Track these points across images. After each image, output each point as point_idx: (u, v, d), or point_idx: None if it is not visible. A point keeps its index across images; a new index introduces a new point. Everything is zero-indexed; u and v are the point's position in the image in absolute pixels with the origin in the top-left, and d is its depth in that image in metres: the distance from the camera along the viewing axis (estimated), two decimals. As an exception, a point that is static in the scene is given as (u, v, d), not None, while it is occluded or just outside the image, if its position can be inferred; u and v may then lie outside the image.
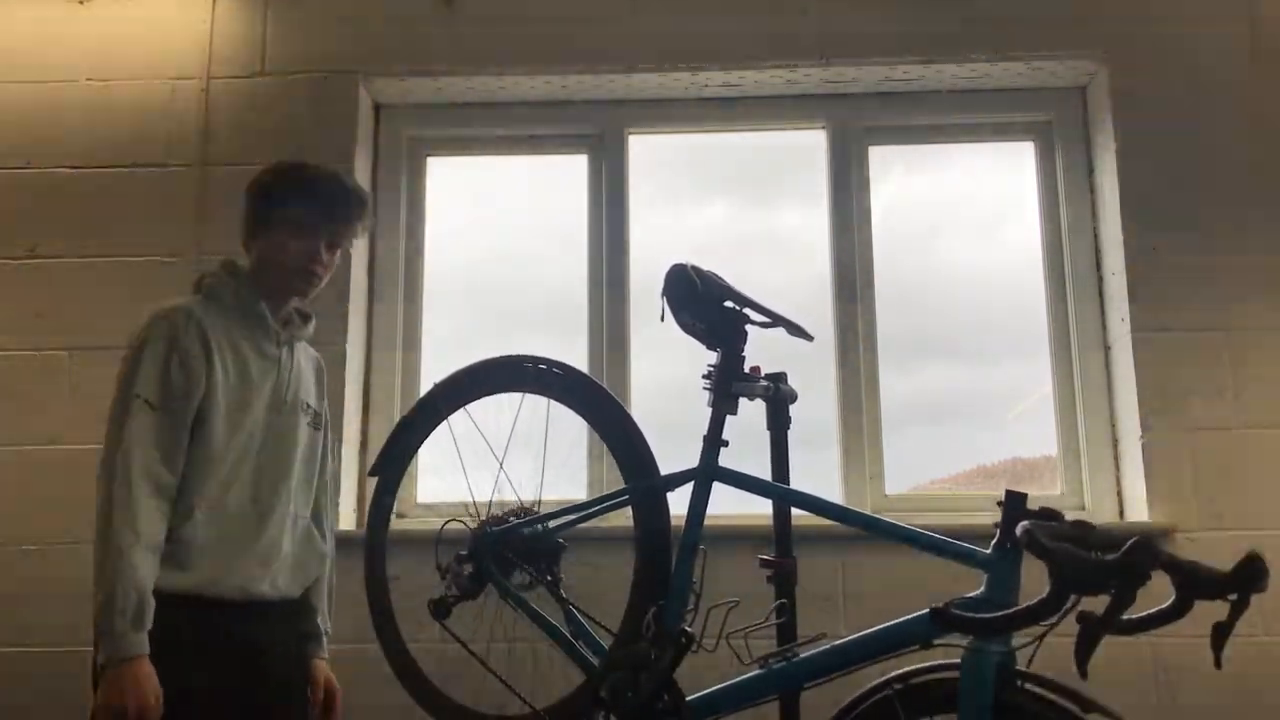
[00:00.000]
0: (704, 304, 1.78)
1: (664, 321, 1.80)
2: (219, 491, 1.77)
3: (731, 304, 1.79)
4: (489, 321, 3.04)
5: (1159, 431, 2.61)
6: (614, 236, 2.97)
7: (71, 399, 2.73)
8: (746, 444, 1.86)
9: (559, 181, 3.07)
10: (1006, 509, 1.51)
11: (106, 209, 2.84)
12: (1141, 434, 2.62)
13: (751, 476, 1.78)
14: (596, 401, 1.96)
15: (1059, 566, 1.28)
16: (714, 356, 1.82)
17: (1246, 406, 2.61)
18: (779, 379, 1.89)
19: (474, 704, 1.93)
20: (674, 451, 1.90)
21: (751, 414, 1.87)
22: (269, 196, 1.89)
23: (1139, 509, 2.61)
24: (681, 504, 1.80)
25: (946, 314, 2.96)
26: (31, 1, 2.99)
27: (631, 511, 1.87)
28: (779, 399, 1.89)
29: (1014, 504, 1.50)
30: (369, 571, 2.05)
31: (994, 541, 1.51)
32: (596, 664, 1.82)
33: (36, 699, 2.53)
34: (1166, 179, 2.73)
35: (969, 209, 3.07)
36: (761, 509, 1.89)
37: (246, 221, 1.91)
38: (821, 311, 2.90)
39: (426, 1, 2.93)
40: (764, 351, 1.87)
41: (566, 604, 1.91)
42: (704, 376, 1.82)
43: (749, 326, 1.80)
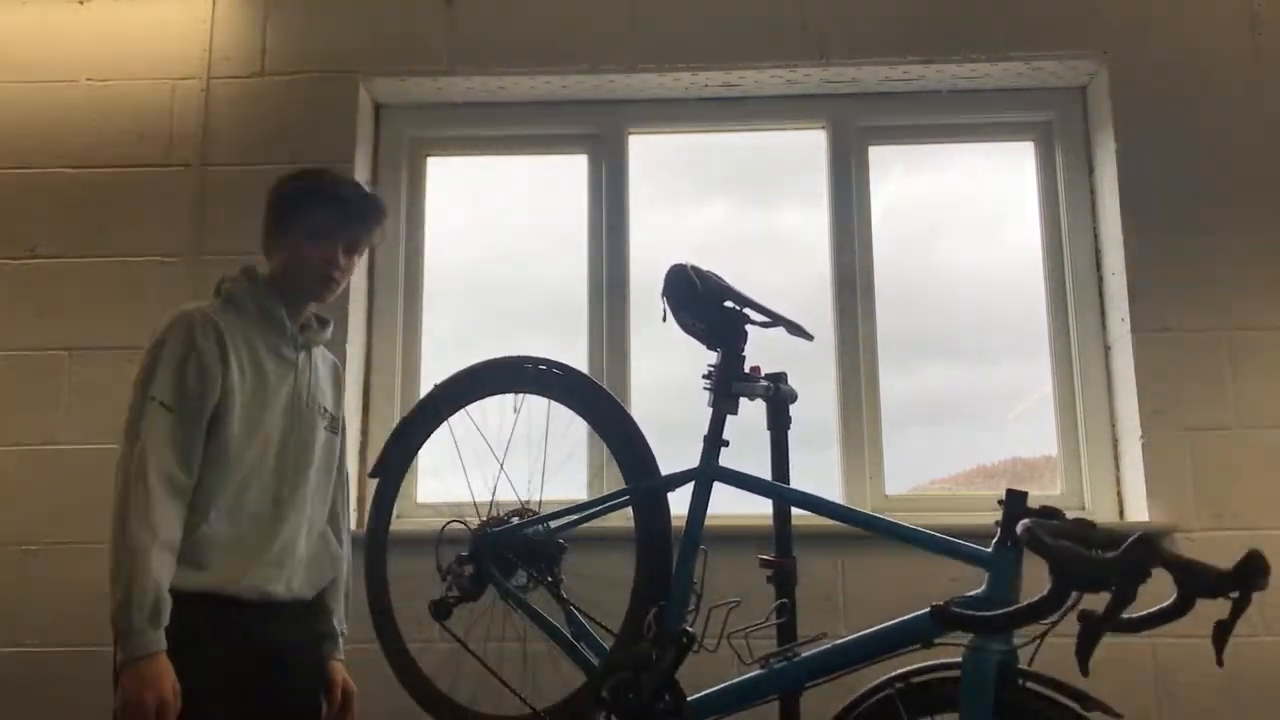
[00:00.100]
0: (704, 304, 1.78)
1: (664, 322, 1.81)
2: (236, 492, 1.79)
3: (731, 304, 1.79)
4: (489, 321, 3.04)
5: (1159, 431, 2.61)
6: (614, 236, 2.97)
7: (71, 399, 2.73)
8: (746, 444, 1.86)
9: (559, 181, 3.06)
10: (1007, 507, 1.51)
11: (106, 209, 2.84)
12: (1141, 434, 2.62)
13: (752, 476, 1.78)
14: (597, 402, 1.96)
15: (1060, 564, 1.28)
16: (714, 356, 1.82)
17: (1246, 406, 2.61)
18: (779, 379, 1.89)
19: (472, 704, 1.93)
20: (674, 451, 1.90)
21: (751, 414, 1.87)
22: (290, 203, 1.92)
23: (1139, 509, 2.61)
24: (682, 504, 1.80)
25: (946, 314, 2.96)
26: (31, 1, 2.99)
27: (632, 512, 1.87)
28: (779, 399, 1.89)
29: (1015, 502, 1.51)
30: (369, 572, 2.05)
31: (995, 540, 1.51)
32: (597, 664, 1.82)
33: (36, 699, 2.53)
34: (1166, 179, 2.73)
35: (969, 209, 3.06)
36: (762, 509, 1.89)
37: (267, 227, 1.94)
38: (821, 311, 2.90)
39: (426, 1, 2.94)
40: (764, 351, 1.87)
41: (567, 605, 1.91)
42: (704, 376, 1.82)
43: (749, 326, 1.80)
